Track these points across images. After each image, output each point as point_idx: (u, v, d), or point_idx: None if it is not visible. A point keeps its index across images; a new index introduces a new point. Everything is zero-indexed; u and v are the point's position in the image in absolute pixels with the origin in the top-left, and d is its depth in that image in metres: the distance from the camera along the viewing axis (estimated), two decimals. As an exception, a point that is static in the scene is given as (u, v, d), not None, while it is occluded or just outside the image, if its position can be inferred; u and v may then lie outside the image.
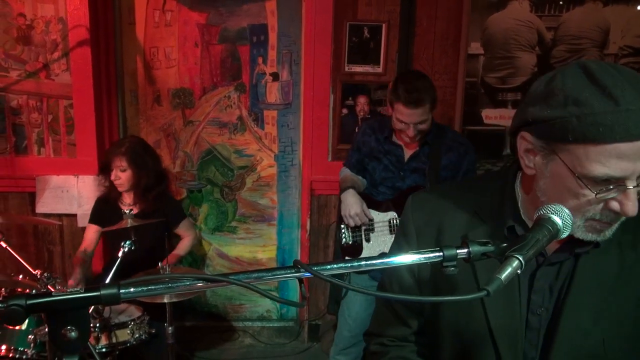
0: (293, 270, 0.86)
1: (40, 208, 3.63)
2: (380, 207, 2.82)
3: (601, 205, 0.99)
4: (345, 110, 3.68)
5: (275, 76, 3.85)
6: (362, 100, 3.64)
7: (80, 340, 0.80)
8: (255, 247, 4.10)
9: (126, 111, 3.86)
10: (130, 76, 3.82)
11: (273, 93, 3.88)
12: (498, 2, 3.57)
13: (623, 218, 1.01)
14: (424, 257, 0.89)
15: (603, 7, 3.60)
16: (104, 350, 2.57)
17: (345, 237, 2.90)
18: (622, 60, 3.66)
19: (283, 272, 0.87)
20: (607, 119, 0.91)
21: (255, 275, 0.86)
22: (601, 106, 0.92)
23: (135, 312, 2.79)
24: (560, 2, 3.58)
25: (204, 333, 4.04)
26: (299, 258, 2.90)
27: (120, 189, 3.17)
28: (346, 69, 3.63)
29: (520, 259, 0.85)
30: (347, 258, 2.76)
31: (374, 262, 0.89)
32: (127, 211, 2.92)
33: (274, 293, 4.13)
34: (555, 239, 0.94)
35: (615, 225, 1.04)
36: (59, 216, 3.65)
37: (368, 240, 2.84)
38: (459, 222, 1.21)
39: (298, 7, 3.72)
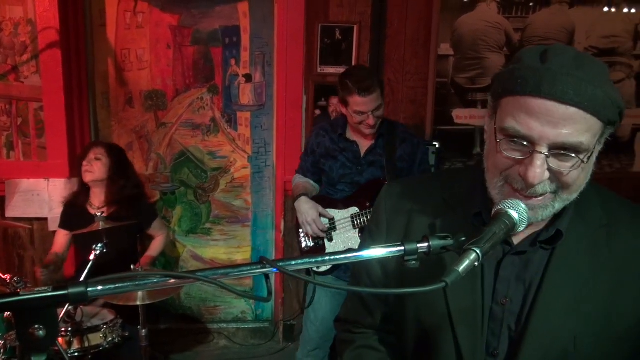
0: (259, 266, 0.88)
1: (10, 212, 3.57)
2: (340, 205, 2.84)
3: (514, 169, 1.01)
4: (318, 112, 3.71)
5: (248, 77, 3.86)
6: (334, 102, 3.66)
7: (48, 339, 0.80)
8: (230, 248, 4.10)
9: (97, 114, 3.83)
10: (102, 78, 3.78)
11: (246, 94, 3.88)
12: (467, 3, 3.63)
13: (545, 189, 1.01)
14: (387, 252, 0.92)
15: (569, 9, 3.69)
16: (76, 354, 2.54)
17: (305, 241, 2.93)
18: (587, 60, 3.74)
19: (249, 268, 0.89)
20: (527, 73, 0.97)
21: (222, 271, 0.87)
22: (530, 63, 0.98)
23: (108, 315, 2.77)
24: (529, 4, 3.66)
25: (178, 335, 4.02)
26: (273, 258, 2.90)
27: (87, 179, 3.12)
28: (318, 70, 3.66)
29: (478, 251, 0.88)
30: None
31: (338, 257, 0.91)
32: (99, 214, 2.90)
33: (250, 294, 4.14)
34: (512, 232, 0.98)
35: (538, 202, 1.03)
36: (30, 220, 3.59)
37: (330, 240, 2.86)
38: (429, 210, 1.23)
39: (270, 9, 3.74)
